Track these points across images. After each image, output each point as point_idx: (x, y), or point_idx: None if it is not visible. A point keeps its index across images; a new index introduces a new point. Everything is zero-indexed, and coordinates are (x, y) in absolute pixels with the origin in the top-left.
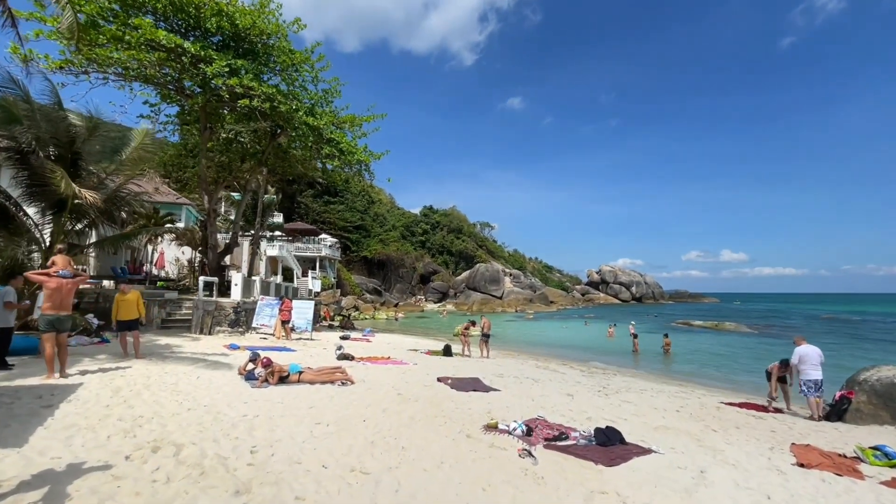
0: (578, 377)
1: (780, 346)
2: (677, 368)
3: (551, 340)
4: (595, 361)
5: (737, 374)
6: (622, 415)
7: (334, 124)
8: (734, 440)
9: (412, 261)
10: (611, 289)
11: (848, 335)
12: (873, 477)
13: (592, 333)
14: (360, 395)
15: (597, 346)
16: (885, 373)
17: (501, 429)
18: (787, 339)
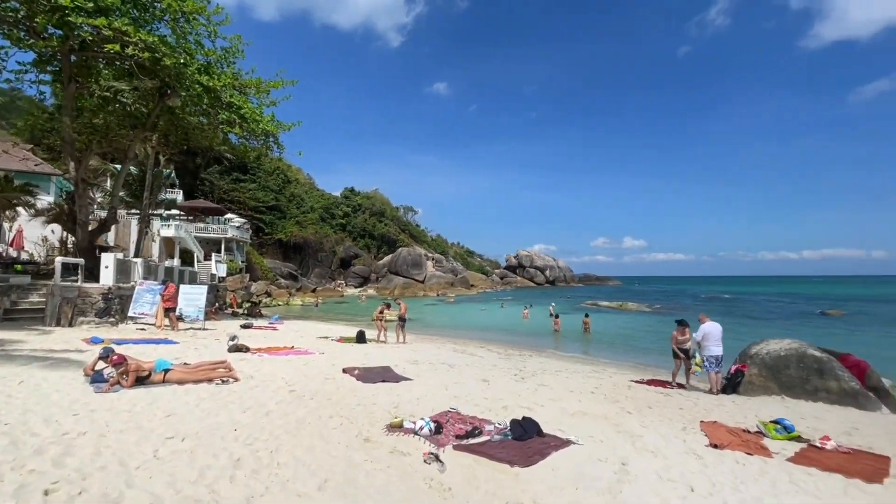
0: (495, 360)
1: (672, 324)
2: (589, 348)
3: (470, 323)
4: (512, 343)
5: (641, 352)
6: (539, 400)
7: (235, 87)
8: (649, 422)
9: (332, 244)
10: (527, 272)
11: (725, 312)
12: (779, 453)
13: (509, 315)
14: (241, 394)
15: (513, 328)
16: (773, 346)
17: (407, 428)
18: (680, 316)
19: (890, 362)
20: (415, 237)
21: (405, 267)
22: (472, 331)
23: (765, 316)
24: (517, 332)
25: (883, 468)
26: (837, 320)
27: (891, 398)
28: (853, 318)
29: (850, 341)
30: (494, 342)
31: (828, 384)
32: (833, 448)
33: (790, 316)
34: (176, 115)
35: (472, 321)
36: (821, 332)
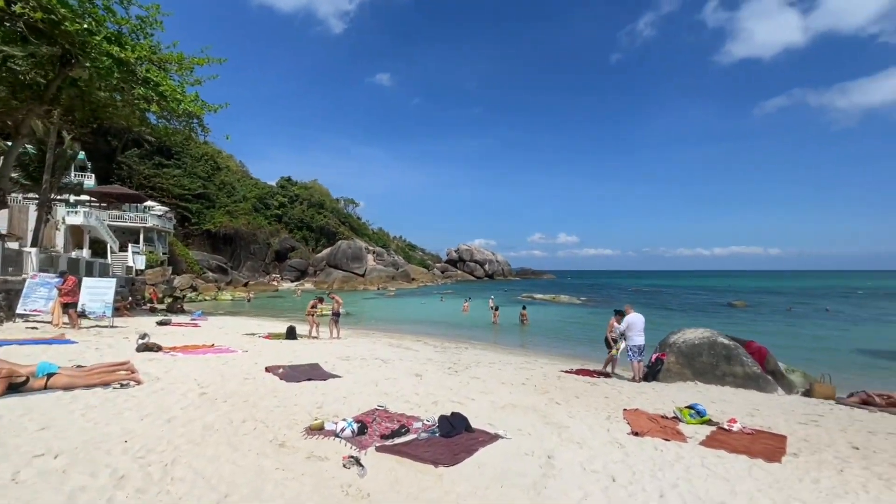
0: (431, 354)
1: (603, 315)
2: (526, 339)
3: (409, 317)
4: (450, 336)
5: (572, 342)
6: (470, 394)
7: (153, 62)
8: (576, 412)
9: (266, 236)
10: (467, 266)
11: (647, 303)
12: (692, 437)
13: (448, 308)
14: (141, 400)
15: (453, 321)
16: (689, 335)
17: (328, 430)
18: (608, 308)
19: (783, 348)
20: (355, 230)
21: (345, 260)
22: (411, 325)
23: (681, 307)
24: (456, 325)
25: (780, 447)
26: (741, 310)
27: (785, 380)
28: (754, 308)
29: (752, 329)
30: (432, 336)
31: (734, 369)
32: (739, 429)
33: (703, 307)
34: (81, 89)
35: (411, 315)
36: (728, 321)
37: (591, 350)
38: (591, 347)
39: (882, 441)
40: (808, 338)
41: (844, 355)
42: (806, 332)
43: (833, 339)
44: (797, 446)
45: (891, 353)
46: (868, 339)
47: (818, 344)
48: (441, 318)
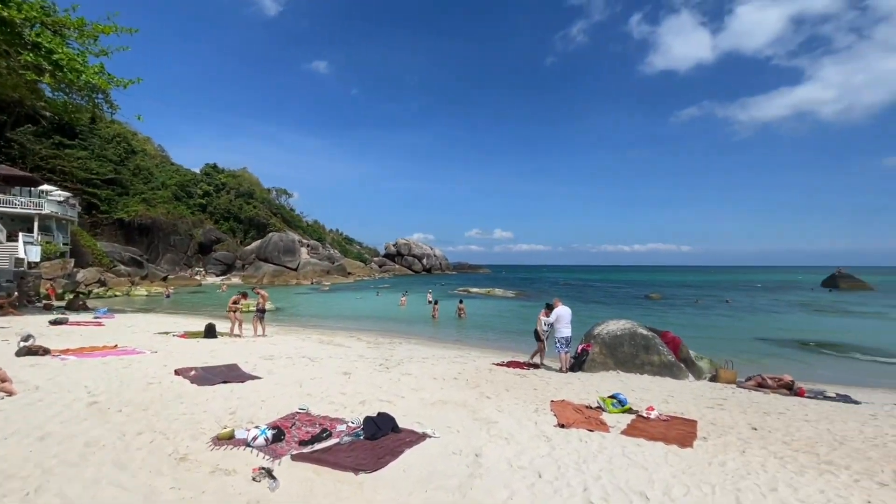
0: (363, 350)
1: (534, 308)
2: (462, 333)
3: (344, 312)
4: (385, 331)
5: (505, 335)
6: (400, 391)
7: (46, 25)
8: (505, 405)
9: (188, 226)
10: (405, 261)
11: (575, 296)
12: (615, 426)
13: (385, 303)
14: (8, 415)
15: (390, 316)
16: (612, 327)
17: (238, 438)
18: (539, 301)
19: (692, 337)
20: (288, 222)
21: (276, 253)
22: (345, 320)
23: (605, 300)
24: (393, 319)
25: (692, 432)
26: (657, 302)
27: (695, 367)
28: (667, 301)
29: (665, 320)
30: (367, 331)
31: (651, 358)
32: (656, 417)
33: (624, 299)
34: None
35: (346, 310)
36: (645, 312)
37: (522, 342)
38: (523, 339)
39: (775, 421)
40: (712, 327)
41: (743, 342)
42: (710, 322)
43: (733, 328)
44: (706, 430)
45: (780, 339)
46: (762, 328)
47: (721, 332)
48: (377, 313)
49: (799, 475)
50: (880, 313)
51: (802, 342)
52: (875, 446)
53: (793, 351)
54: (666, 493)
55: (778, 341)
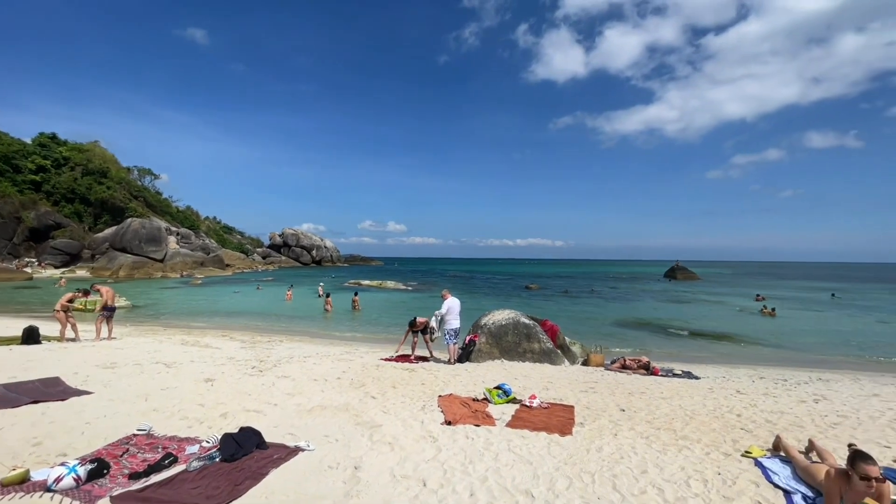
0: (234, 351)
1: (423, 300)
2: (355, 325)
3: (218, 308)
4: (266, 329)
5: (396, 328)
6: (273, 398)
7: None
8: (391, 405)
9: (15, 207)
10: (293, 252)
11: (464, 288)
12: (500, 418)
13: (267, 297)
14: None
15: (274, 311)
16: (497, 317)
17: (35, 481)
18: (429, 292)
19: (565, 324)
20: (153, 207)
21: (137, 242)
22: (219, 318)
23: (490, 291)
24: (276, 315)
25: (570, 418)
26: (535, 292)
27: (570, 353)
28: (544, 291)
29: (543, 308)
30: (243, 329)
31: (533, 346)
32: (538, 405)
33: (507, 290)
34: None
35: (221, 306)
36: (525, 301)
37: None
38: None
39: (638, 400)
40: (581, 314)
41: (606, 326)
42: (580, 308)
43: (598, 314)
44: (583, 415)
45: (636, 322)
46: (622, 313)
47: (588, 318)
48: (258, 308)
49: (663, 454)
50: (704, 300)
51: (649, 324)
52: (716, 417)
53: (645, 333)
54: (550, 488)
55: (634, 324)
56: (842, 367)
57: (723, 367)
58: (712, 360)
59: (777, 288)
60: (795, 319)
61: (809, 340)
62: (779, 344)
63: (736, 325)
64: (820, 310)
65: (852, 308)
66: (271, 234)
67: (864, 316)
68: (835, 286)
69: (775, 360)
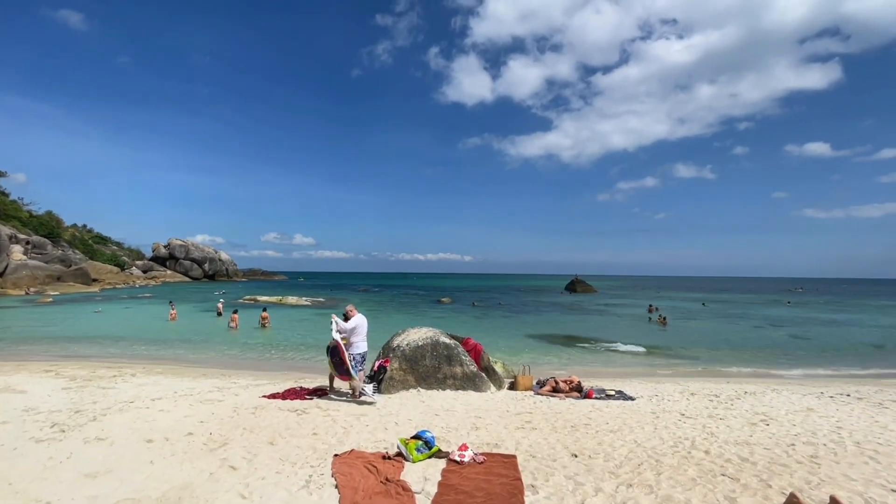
0: (47, 395)
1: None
2: (245, 349)
3: (67, 333)
4: (117, 356)
5: (295, 349)
6: (55, 487)
7: None
8: (259, 482)
9: None
10: (181, 265)
11: (374, 303)
12: (422, 489)
13: (147, 317)
14: None
15: (149, 335)
16: (412, 336)
17: None
18: (335, 308)
19: (479, 339)
20: None
21: None
22: (62, 344)
23: (402, 306)
24: (145, 339)
25: (516, 477)
26: (447, 306)
27: (496, 375)
28: (456, 304)
29: (456, 322)
30: (87, 359)
31: (454, 370)
32: (471, 458)
33: (421, 304)
34: None
35: (71, 329)
36: (439, 316)
37: (314, 358)
38: (315, 353)
39: (586, 438)
40: (492, 328)
41: (518, 339)
42: (490, 322)
43: (509, 326)
44: (529, 469)
45: (549, 336)
46: (533, 327)
47: (499, 332)
48: (123, 331)
49: None
50: (601, 310)
51: (563, 337)
52: (685, 458)
53: (559, 347)
54: None
55: (545, 337)
56: (748, 376)
57: (648, 382)
58: (634, 374)
59: (658, 298)
60: (682, 327)
61: (703, 347)
62: (680, 352)
63: (638, 334)
64: (698, 318)
65: (725, 316)
66: (154, 245)
67: (737, 322)
68: (703, 297)
69: (689, 370)
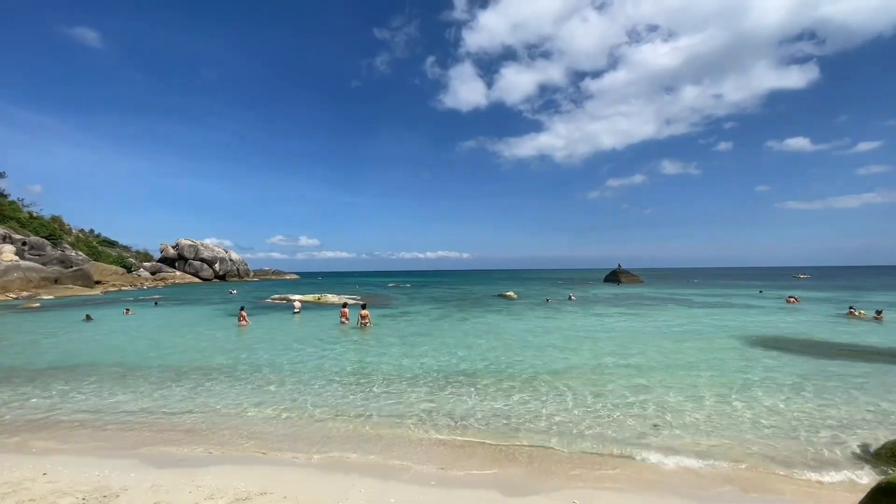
0: None
1: (398, 318)
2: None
3: (48, 357)
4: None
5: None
6: None
7: None
8: None
9: None
10: (191, 266)
11: (432, 298)
12: None
13: (156, 325)
14: None
15: (211, 357)
16: None
17: None
18: (391, 308)
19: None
20: None
21: None
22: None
23: (469, 305)
24: (249, 363)
25: None
26: (520, 302)
27: None
28: (525, 300)
29: (599, 326)
30: (103, 430)
31: None
32: None
33: (482, 300)
34: None
35: (41, 349)
36: (547, 316)
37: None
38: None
39: None
40: (657, 335)
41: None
42: (625, 325)
43: (699, 335)
44: None
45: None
46: (719, 329)
47: (715, 352)
48: (179, 347)
49: None
50: (726, 303)
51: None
52: None
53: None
54: None
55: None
56: None
57: None
58: None
59: (697, 287)
60: None
61: None
62: None
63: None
64: None
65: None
66: (162, 246)
67: None
68: (758, 285)
69: None
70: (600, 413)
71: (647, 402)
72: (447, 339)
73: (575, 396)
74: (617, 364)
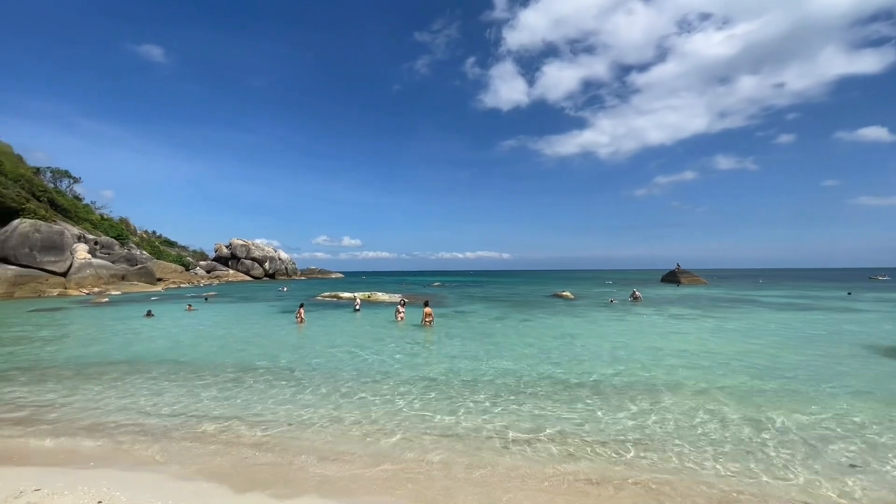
0: None
1: (457, 317)
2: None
3: (124, 351)
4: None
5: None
6: None
7: None
8: None
9: None
10: (242, 265)
11: (480, 298)
12: None
13: (214, 321)
14: None
15: (279, 351)
16: None
17: None
18: (442, 305)
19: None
20: (66, 211)
21: (27, 250)
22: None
23: (522, 305)
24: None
25: None
26: (578, 303)
27: None
28: (583, 299)
29: (643, 322)
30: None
31: None
32: None
33: (534, 300)
34: None
35: (99, 345)
36: (617, 318)
37: None
38: None
39: None
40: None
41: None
42: (743, 328)
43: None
44: None
45: None
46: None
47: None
48: (169, 347)
49: None
50: (826, 306)
51: None
52: None
53: None
54: None
55: None
56: None
57: None
58: None
59: (789, 289)
60: None
61: None
62: None
63: None
64: None
65: None
66: (217, 245)
67: None
68: (845, 287)
69: None
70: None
71: (848, 435)
72: (537, 342)
73: (743, 423)
74: (767, 380)
